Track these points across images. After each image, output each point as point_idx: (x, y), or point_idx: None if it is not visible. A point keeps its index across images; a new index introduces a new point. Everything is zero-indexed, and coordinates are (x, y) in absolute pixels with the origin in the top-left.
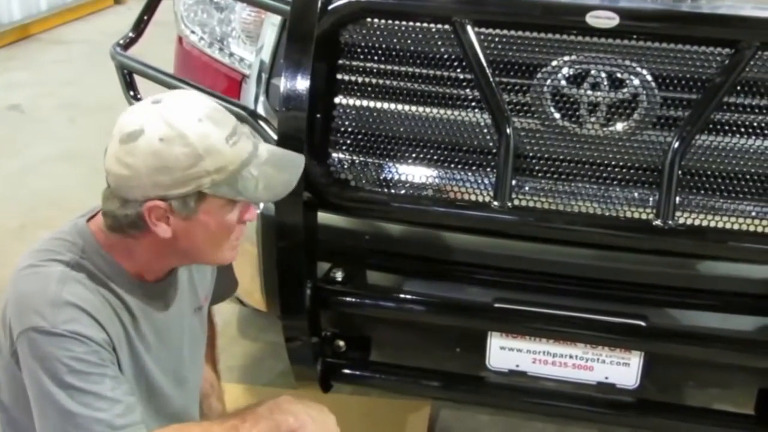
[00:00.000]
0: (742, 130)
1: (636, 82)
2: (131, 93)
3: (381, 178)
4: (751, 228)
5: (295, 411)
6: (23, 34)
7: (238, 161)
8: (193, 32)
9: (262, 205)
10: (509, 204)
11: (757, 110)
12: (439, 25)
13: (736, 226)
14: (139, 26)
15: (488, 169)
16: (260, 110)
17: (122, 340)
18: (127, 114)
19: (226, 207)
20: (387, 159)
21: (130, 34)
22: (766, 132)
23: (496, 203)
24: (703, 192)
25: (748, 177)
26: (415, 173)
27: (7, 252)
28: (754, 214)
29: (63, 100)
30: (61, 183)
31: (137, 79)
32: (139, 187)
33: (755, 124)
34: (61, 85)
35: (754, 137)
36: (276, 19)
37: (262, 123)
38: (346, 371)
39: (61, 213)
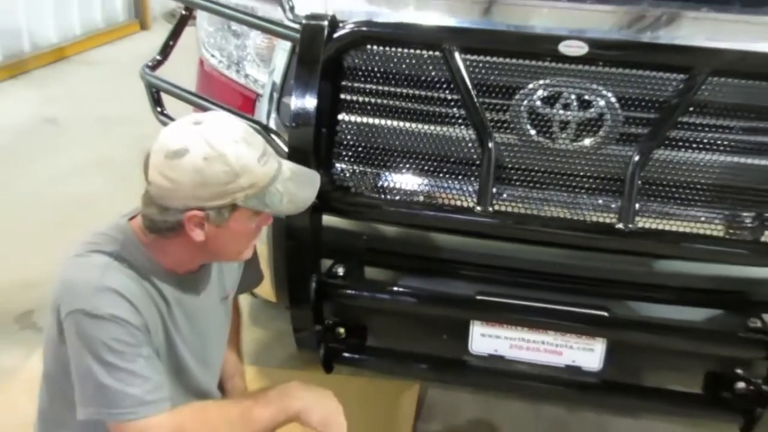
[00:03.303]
0: (695, 145)
1: (602, 102)
2: (158, 109)
3: (378, 185)
4: (701, 231)
5: (302, 396)
6: (59, 56)
7: (267, 179)
8: (213, 56)
9: None
10: (491, 209)
11: (707, 129)
12: (430, 52)
13: (687, 230)
14: (166, 50)
15: (472, 178)
16: (272, 125)
17: (157, 324)
18: (169, 132)
19: (252, 217)
20: (384, 169)
21: (158, 57)
22: (715, 148)
23: (479, 208)
24: (659, 200)
25: (698, 187)
26: (408, 181)
27: (43, 248)
28: (703, 219)
29: (94, 114)
30: (91, 188)
31: (163, 96)
32: (180, 198)
33: (706, 140)
34: (93, 101)
35: (704, 152)
36: (286, 45)
37: (273, 136)
38: (346, 355)
39: (91, 214)
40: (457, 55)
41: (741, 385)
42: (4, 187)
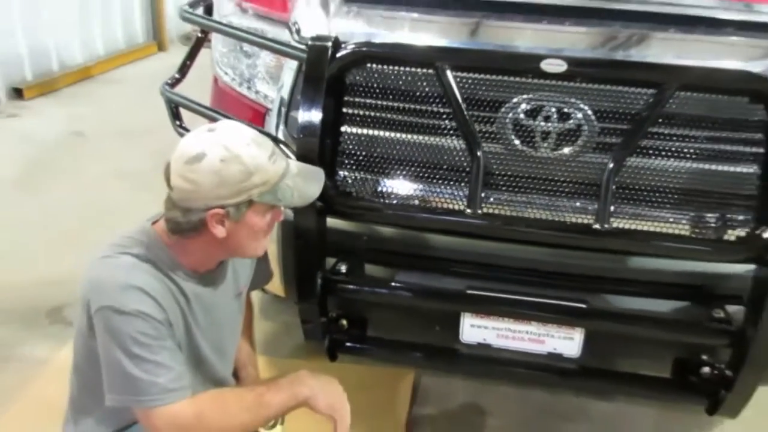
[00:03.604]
0: (663, 153)
1: (579, 115)
2: (177, 122)
3: (378, 190)
4: (669, 231)
5: (310, 383)
6: (85, 75)
7: (277, 175)
8: (226, 74)
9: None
10: (479, 211)
11: (675, 138)
12: (424, 69)
13: (657, 229)
14: (183, 69)
15: (462, 184)
16: (280, 136)
17: (178, 318)
18: (187, 141)
19: (266, 212)
20: (382, 176)
21: (176, 75)
22: (682, 155)
23: (468, 211)
24: (632, 202)
25: (667, 191)
26: (404, 187)
27: (71, 249)
28: (671, 220)
29: (117, 127)
30: (114, 195)
31: (181, 110)
32: (201, 198)
33: (673, 149)
34: (116, 116)
35: (672, 159)
36: (293, 64)
37: (282, 146)
38: (348, 345)
39: (115, 219)
40: (448, 72)
41: (706, 370)
42: (36, 194)
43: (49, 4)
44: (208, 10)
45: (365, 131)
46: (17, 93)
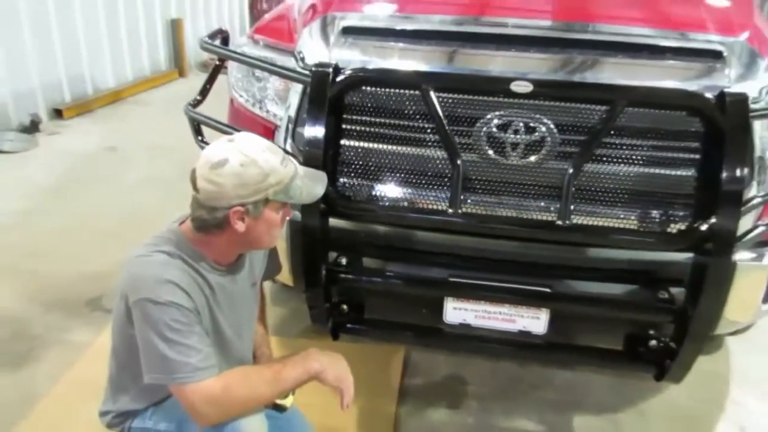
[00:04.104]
0: (615, 160)
1: (543, 128)
2: (199, 137)
3: (373, 194)
4: (621, 225)
5: (320, 359)
6: (116, 97)
7: (288, 177)
8: (240, 96)
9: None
10: (460, 211)
11: (625, 147)
12: (411, 91)
13: (611, 224)
14: (204, 92)
15: (445, 188)
16: (288, 149)
17: (204, 306)
18: (211, 150)
19: (279, 208)
20: (377, 181)
21: (197, 97)
22: (630, 161)
23: (450, 210)
24: (589, 202)
25: (619, 192)
26: (395, 191)
27: (107, 247)
28: (623, 216)
29: (145, 143)
30: (144, 201)
31: (203, 127)
32: (225, 198)
33: (624, 156)
34: (144, 133)
35: (623, 165)
36: (299, 87)
37: (290, 157)
38: (349, 326)
39: (144, 222)
40: (431, 93)
41: (653, 343)
42: (76, 201)
43: (84, 38)
44: (225, 41)
45: (362, 144)
46: (58, 113)
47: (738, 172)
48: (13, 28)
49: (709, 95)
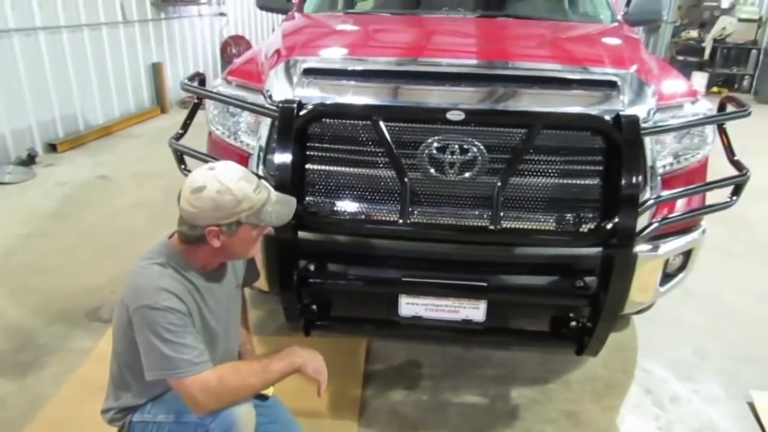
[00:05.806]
0: (535, 173)
1: (475, 149)
2: (182, 166)
3: (335, 209)
4: (542, 227)
5: (301, 354)
6: (105, 132)
7: (260, 203)
8: (217, 129)
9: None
10: (408, 221)
11: (542, 162)
12: (364, 121)
13: (534, 227)
14: (185, 126)
15: (395, 202)
16: (260, 173)
17: (194, 309)
18: (193, 175)
19: (252, 229)
20: (338, 199)
21: (180, 131)
22: (547, 174)
23: (401, 221)
24: (515, 209)
25: (539, 199)
26: (354, 206)
27: (102, 264)
28: (542, 219)
29: (133, 171)
30: (133, 223)
31: (185, 157)
32: (202, 219)
33: (542, 170)
34: (132, 163)
35: (542, 177)
36: (268, 121)
37: (263, 181)
38: (318, 323)
39: (134, 241)
40: (381, 123)
41: (573, 323)
42: (73, 224)
43: (76, 80)
44: (202, 83)
45: (324, 167)
46: (52, 147)
47: (634, 180)
48: (11, 72)
49: (607, 117)
